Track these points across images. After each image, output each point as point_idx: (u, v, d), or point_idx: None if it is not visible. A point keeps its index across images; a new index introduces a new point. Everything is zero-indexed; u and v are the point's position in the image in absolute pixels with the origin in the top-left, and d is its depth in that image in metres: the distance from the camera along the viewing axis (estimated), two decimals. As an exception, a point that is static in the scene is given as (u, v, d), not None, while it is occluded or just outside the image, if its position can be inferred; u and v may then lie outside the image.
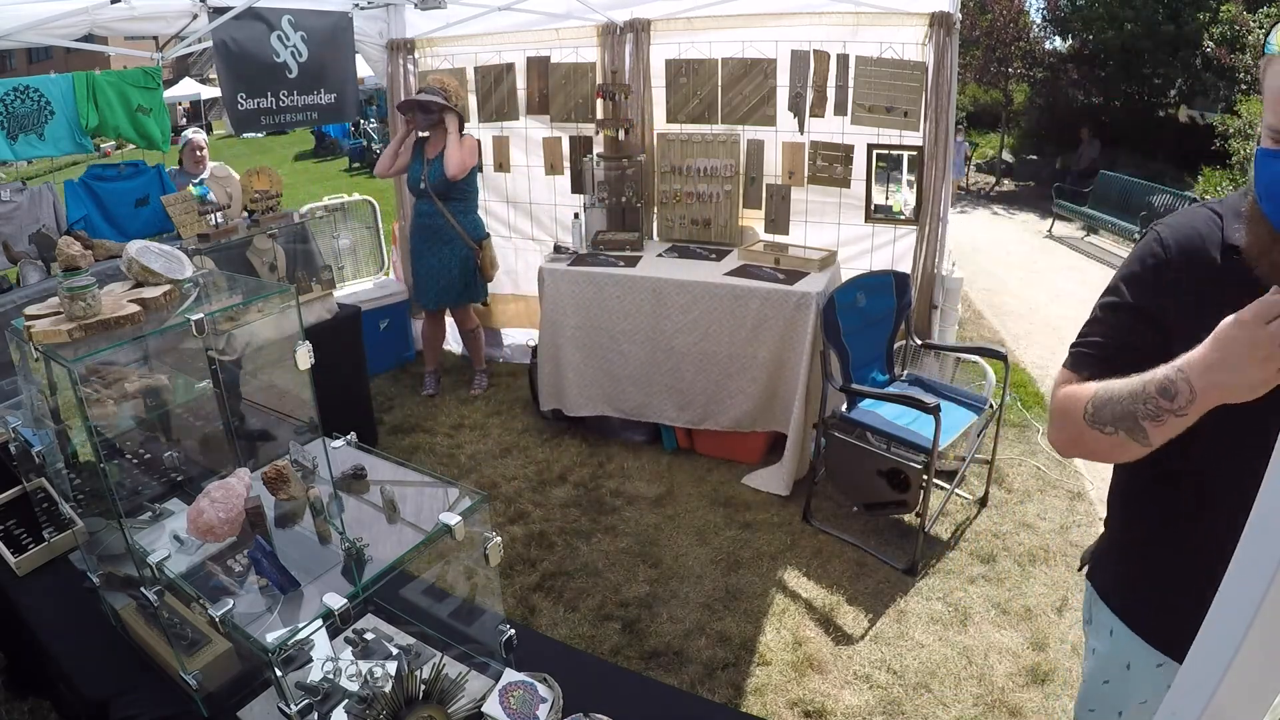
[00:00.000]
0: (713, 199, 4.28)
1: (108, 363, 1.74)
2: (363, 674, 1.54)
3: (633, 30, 4.25)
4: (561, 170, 4.76)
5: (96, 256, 3.19)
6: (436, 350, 4.86)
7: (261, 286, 2.05)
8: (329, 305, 3.84)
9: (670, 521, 3.46)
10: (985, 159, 13.61)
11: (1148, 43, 11.39)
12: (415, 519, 1.60)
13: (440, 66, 4.81)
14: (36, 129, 3.62)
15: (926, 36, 3.64)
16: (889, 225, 4.02)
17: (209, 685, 1.57)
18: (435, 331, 4.79)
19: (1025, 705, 2.48)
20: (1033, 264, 8.13)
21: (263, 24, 4.06)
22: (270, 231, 3.77)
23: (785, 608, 2.93)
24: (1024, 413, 4.46)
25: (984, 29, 12.22)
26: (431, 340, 4.79)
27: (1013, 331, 6.03)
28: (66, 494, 1.95)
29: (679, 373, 3.81)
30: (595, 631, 2.81)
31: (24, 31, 3.43)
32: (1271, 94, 0.93)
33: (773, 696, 2.53)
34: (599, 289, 3.87)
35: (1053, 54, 13.15)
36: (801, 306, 3.48)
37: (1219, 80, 11.05)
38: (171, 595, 1.60)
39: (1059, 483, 3.76)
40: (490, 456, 4.04)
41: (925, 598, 2.97)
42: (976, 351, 3.60)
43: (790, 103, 4.06)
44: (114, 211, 4.00)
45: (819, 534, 3.35)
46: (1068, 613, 2.90)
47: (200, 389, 1.94)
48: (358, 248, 5.20)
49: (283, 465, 1.70)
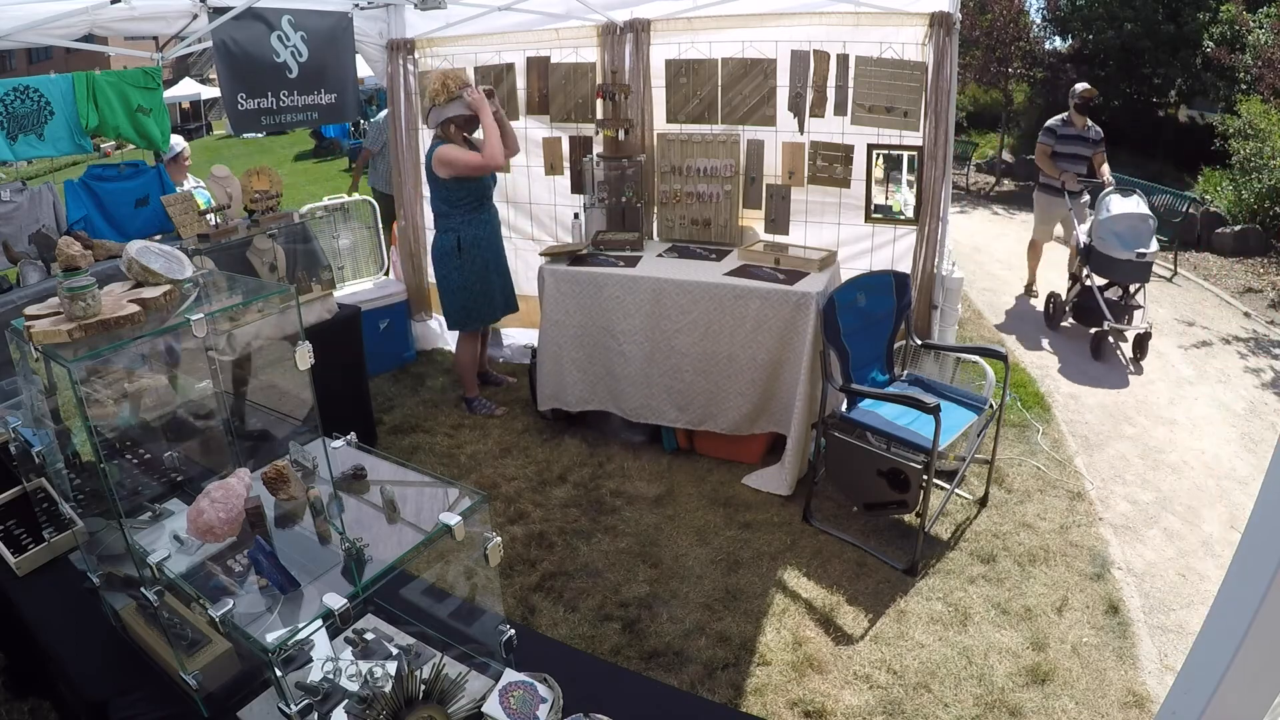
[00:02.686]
0: (713, 199, 4.28)
1: (108, 362, 1.73)
2: (363, 674, 1.54)
3: (633, 30, 4.25)
4: (561, 170, 4.76)
5: (96, 256, 3.19)
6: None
7: (261, 286, 2.05)
8: (329, 305, 3.84)
9: (670, 521, 3.46)
10: (985, 159, 13.60)
11: (1148, 43, 11.39)
12: (415, 519, 1.60)
13: (440, 66, 4.81)
14: (36, 129, 3.62)
15: (926, 36, 3.64)
16: (889, 225, 4.02)
17: (209, 685, 1.57)
18: (481, 348, 4.65)
19: (1025, 705, 2.48)
20: (1033, 264, 8.11)
21: (263, 24, 4.07)
22: (270, 231, 3.77)
23: (785, 608, 2.93)
24: (1024, 413, 4.46)
25: (984, 29, 12.22)
26: (478, 360, 4.61)
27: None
28: (66, 494, 1.95)
29: (679, 373, 3.81)
30: (595, 631, 2.81)
31: (24, 31, 3.43)
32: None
33: (773, 696, 2.53)
34: (599, 289, 3.87)
35: (1053, 54, 13.14)
36: (801, 307, 3.48)
37: (1219, 80, 11.05)
38: (171, 595, 1.60)
39: (1059, 483, 3.76)
40: (490, 456, 4.04)
41: (925, 598, 2.97)
42: (976, 351, 3.60)
43: (790, 103, 4.06)
44: (114, 211, 4.00)
45: (819, 534, 3.35)
46: (1068, 613, 2.90)
47: (200, 389, 1.94)
48: (358, 248, 5.20)
49: (283, 465, 1.71)
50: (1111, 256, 5.30)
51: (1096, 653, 2.71)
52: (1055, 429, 4.35)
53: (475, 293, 4.18)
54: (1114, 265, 5.34)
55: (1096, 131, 6.03)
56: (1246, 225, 8.19)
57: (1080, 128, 6.03)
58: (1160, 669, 2.69)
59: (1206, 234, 8.39)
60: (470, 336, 4.41)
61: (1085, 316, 5.61)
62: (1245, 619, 0.67)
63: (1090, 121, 6.05)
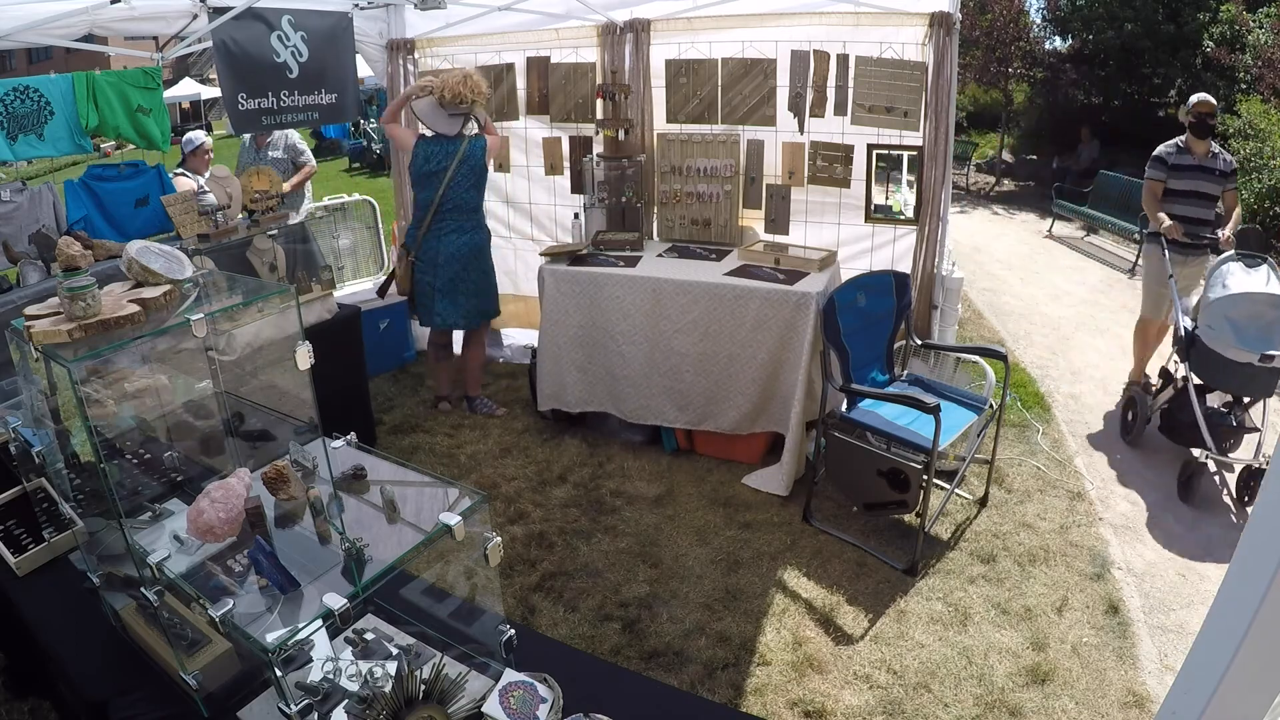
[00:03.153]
0: (713, 199, 4.28)
1: (108, 363, 1.73)
2: (363, 674, 1.54)
3: (633, 30, 4.25)
4: (561, 170, 4.76)
5: (96, 256, 3.19)
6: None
7: (261, 286, 2.05)
8: (329, 305, 3.84)
9: (670, 521, 3.46)
10: (985, 159, 13.61)
11: (1148, 43, 11.39)
12: (415, 519, 1.60)
13: (440, 66, 4.81)
14: (36, 129, 3.62)
15: (926, 36, 3.64)
16: (889, 225, 4.02)
17: (209, 685, 1.57)
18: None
19: (1025, 705, 2.48)
20: (1033, 264, 8.13)
21: (263, 24, 4.07)
22: (270, 231, 3.77)
23: (785, 608, 2.92)
24: (1024, 413, 4.46)
25: (984, 29, 12.22)
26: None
27: (1013, 331, 6.02)
28: (66, 494, 1.95)
29: (678, 373, 3.81)
30: (595, 631, 2.81)
31: (24, 31, 3.43)
32: None
33: (773, 696, 2.53)
34: (599, 289, 3.87)
35: (1053, 54, 13.15)
36: (801, 307, 3.48)
37: (1219, 80, 11.04)
38: (171, 595, 1.60)
39: (1059, 483, 3.76)
40: (490, 456, 4.04)
41: (925, 598, 2.97)
42: (976, 351, 3.60)
43: (790, 103, 4.06)
44: (114, 211, 4.00)
45: (819, 534, 3.35)
46: (1068, 613, 2.90)
47: (200, 389, 1.94)
48: (358, 248, 5.21)
49: (283, 465, 1.70)
50: (1221, 355, 3.60)
51: (1096, 653, 2.71)
52: (1055, 429, 4.35)
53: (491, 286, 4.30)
54: (1224, 367, 3.62)
55: (1226, 161, 4.29)
56: (1246, 225, 8.17)
57: (1202, 155, 4.28)
58: (1160, 669, 2.69)
59: (1206, 234, 8.37)
60: (484, 330, 4.46)
61: (1176, 433, 3.93)
62: (1245, 619, 0.67)
63: (1217, 147, 4.34)
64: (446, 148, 3.90)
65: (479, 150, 3.95)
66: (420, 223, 4.01)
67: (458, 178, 3.92)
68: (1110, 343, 5.74)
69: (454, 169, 3.89)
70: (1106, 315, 6.39)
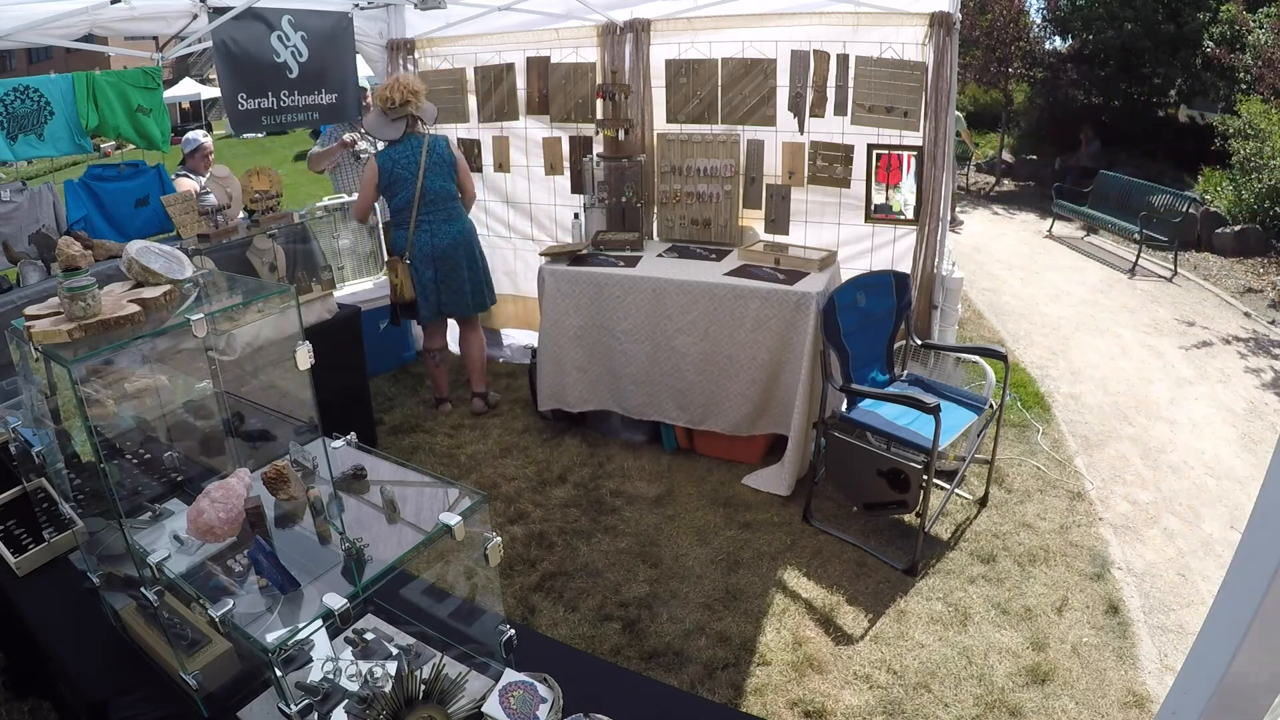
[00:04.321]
0: (713, 199, 4.28)
1: (108, 363, 1.73)
2: (363, 674, 1.54)
3: (633, 30, 4.25)
4: (561, 170, 4.76)
5: (96, 256, 3.19)
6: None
7: (261, 286, 2.05)
8: (329, 305, 3.84)
9: (670, 521, 3.46)
10: (985, 159, 13.60)
11: (1148, 43, 11.37)
12: (415, 519, 1.60)
13: (440, 66, 4.81)
14: (36, 129, 3.62)
15: (926, 36, 3.64)
16: (889, 225, 4.02)
17: (209, 685, 1.57)
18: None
19: (1025, 705, 2.48)
20: (1033, 264, 8.12)
21: (263, 24, 4.07)
22: (270, 231, 3.77)
23: (785, 608, 2.92)
24: (1024, 413, 4.46)
25: (984, 29, 12.21)
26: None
27: (1013, 331, 6.02)
28: (66, 494, 1.95)
29: (679, 373, 3.81)
30: (595, 631, 2.81)
31: (24, 31, 3.43)
32: None
33: (773, 696, 2.53)
34: (599, 289, 3.87)
35: (1053, 54, 13.12)
36: (801, 307, 3.48)
37: (1219, 80, 11.03)
38: (171, 595, 1.60)
39: (1059, 483, 3.76)
40: (490, 456, 4.04)
41: (925, 598, 2.97)
42: (976, 351, 3.60)
43: (790, 103, 4.06)
44: (114, 211, 4.01)
45: (819, 534, 3.35)
46: (1068, 613, 2.90)
47: (200, 389, 1.94)
48: (358, 248, 5.20)
49: (283, 465, 1.70)
50: None
51: (1096, 653, 2.71)
52: (1055, 429, 4.35)
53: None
54: None
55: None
56: (1246, 225, 8.19)
57: None
58: (1160, 669, 2.69)
59: (1206, 234, 8.39)
60: (477, 322, 4.49)
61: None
62: (1245, 619, 0.67)
63: None
64: (406, 149, 3.96)
65: (442, 144, 4.03)
66: (405, 224, 4.03)
67: (429, 169, 3.98)
68: (1110, 343, 5.74)
69: (423, 162, 3.95)
70: (1106, 315, 6.38)
